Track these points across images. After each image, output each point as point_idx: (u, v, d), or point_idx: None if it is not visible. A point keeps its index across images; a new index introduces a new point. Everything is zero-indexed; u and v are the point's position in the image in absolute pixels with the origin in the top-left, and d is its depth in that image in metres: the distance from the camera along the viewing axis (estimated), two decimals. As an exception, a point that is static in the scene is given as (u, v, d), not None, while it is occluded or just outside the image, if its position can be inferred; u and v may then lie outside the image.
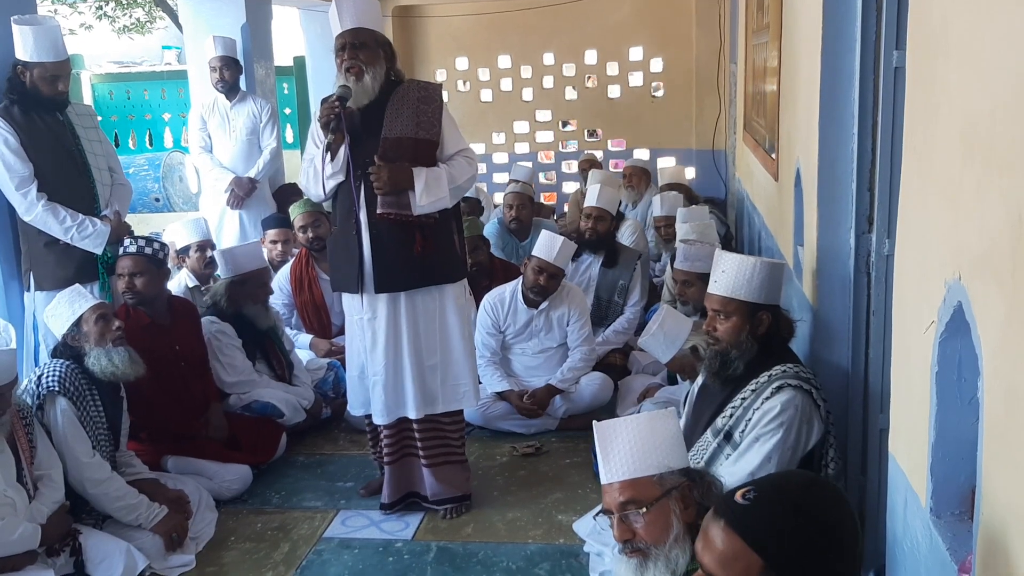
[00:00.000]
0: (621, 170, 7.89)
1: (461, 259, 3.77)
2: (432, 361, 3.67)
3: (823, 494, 1.60)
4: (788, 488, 1.60)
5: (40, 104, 3.94)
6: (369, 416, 3.82)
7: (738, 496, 1.55)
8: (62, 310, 3.50)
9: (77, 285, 3.59)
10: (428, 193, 3.44)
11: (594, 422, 2.20)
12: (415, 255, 3.52)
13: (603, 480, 2.14)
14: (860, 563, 1.62)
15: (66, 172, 3.98)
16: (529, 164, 9.26)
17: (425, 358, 3.66)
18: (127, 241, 4.09)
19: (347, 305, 3.74)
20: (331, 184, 3.53)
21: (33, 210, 3.89)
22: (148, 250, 4.07)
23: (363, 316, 3.63)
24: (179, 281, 5.00)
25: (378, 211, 3.47)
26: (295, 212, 5.44)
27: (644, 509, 2.04)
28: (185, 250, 5.11)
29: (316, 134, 3.59)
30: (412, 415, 3.69)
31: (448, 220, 3.64)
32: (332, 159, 3.49)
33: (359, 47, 3.48)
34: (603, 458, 2.12)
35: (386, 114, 3.49)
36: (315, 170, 3.54)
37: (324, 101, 3.53)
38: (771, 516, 1.53)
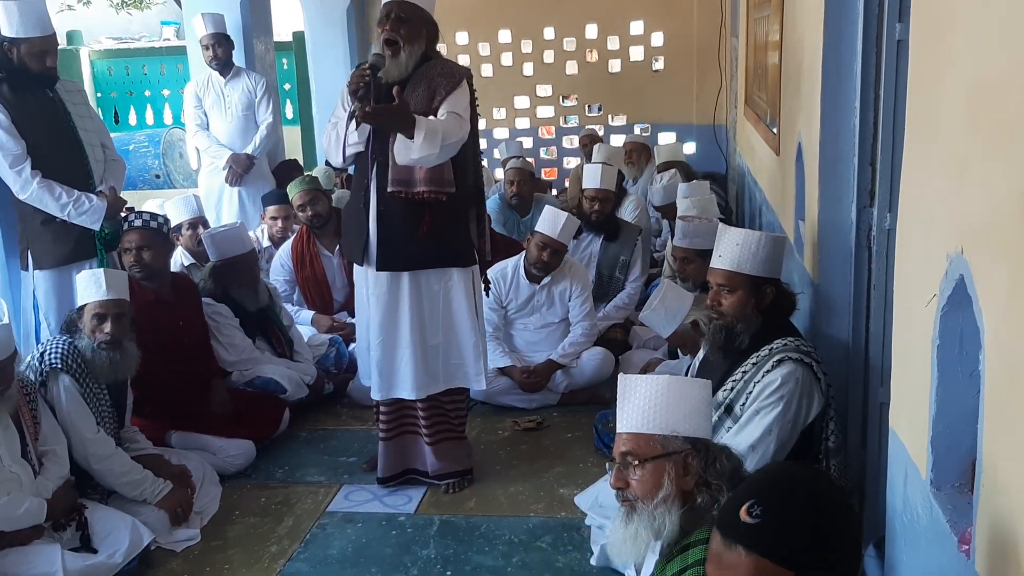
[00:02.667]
0: (622, 145, 7.86)
1: (476, 246, 3.69)
2: (435, 341, 3.65)
3: (821, 482, 1.59)
4: (790, 490, 1.57)
5: (29, 81, 3.90)
6: None
7: (743, 515, 1.51)
8: (80, 289, 3.51)
9: (100, 272, 3.53)
10: (423, 146, 3.25)
11: (620, 375, 2.25)
12: (420, 235, 3.47)
13: (616, 428, 2.20)
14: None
15: (59, 149, 3.95)
16: (529, 140, 9.28)
17: (428, 337, 3.63)
18: (132, 216, 4.09)
19: (356, 276, 3.74)
20: (351, 151, 3.47)
21: (28, 188, 3.86)
22: (153, 224, 4.08)
23: (365, 290, 3.63)
24: (175, 259, 5.00)
25: (388, 189, 3.43)
26: (293, 191, 5.43)
27: (638, 462, 2.10)
28: (177, 228, 5.11)
29: (345, 98, 3.51)
30: (407, 396, 3.67)
31: (461, 204, 3.57)
32: (357, 127, 3.41)
33: (403, 21, 3.41)
34: (619, 408, 2.18)
35: (406, 90, 3.42)
36: (337, 135, 3.48)
37: (359, 66, 3.47)
38: (788, 527, 1.50)
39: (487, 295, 3.92)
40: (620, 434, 2.16)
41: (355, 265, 3.71)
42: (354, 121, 3.36)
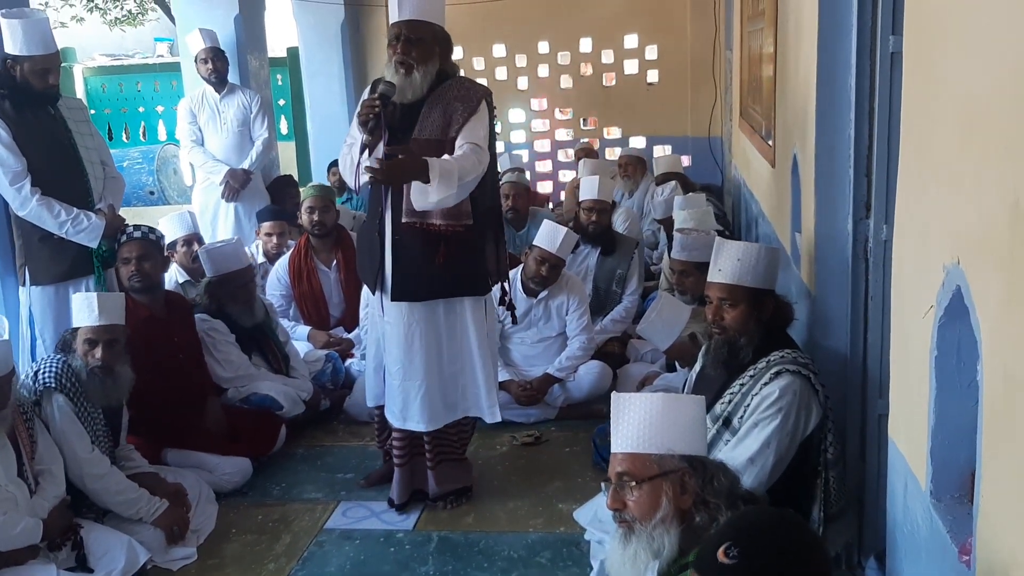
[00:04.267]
0: (617, 159, 7.89)
1: (491, 271, 3.63)
2: (451, 370, 3.61)
3: (800, 530, 1.63)
4: (769, 535, 1.61)
5: (31, 98, 3.91)
6: (380, 407, 3.78)
7: (721, 556, 1.55)
8: (75, 311, 3.51)
9: (95, 296, 3.52)
10: (440, 189, 3.21)
11: (613, 393, 2.24)
12: (436, 265, 3.42)
13: (611, 448, 2.18)
14: None
15: (59, 166, 3.97)
16: (525, 153, 9.30)
17: (445, 366, 3.59)
18: (129, 228, 4.10)
19: (370, 299, 3.70)
20: (364, 179, 3.38)
21: (28, 205, 3.87)
22: (152, 236, 4.10)
23: (380, 314, 3.59)
24: (169, 276, 4.98)
25: (403, 220, 3.38)
26: (307, 193, 5.45)
27: (635, 483, 2.08)
28: (172, 245, 5.10)
29: (360, 126, 3.40)
30: (420, 429, 3.62)
31: (479, 231, 3.51)
32: (370, 156, 3.34)
33: (414, 42, 3.32)
34: (613, 428, 2.17)
35: (421, 114, 3.37)
36: (352, 159, 3.41)
37: (373, 85, 3.42)
38: (762, 570, 1.54)
39: (504, 307, 3.83)
40: (615, 454, 2.14)
41: (367, 288, 3.67)
42: (367, 151, 3.31)
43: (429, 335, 3.54)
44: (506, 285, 3.81)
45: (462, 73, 3.68)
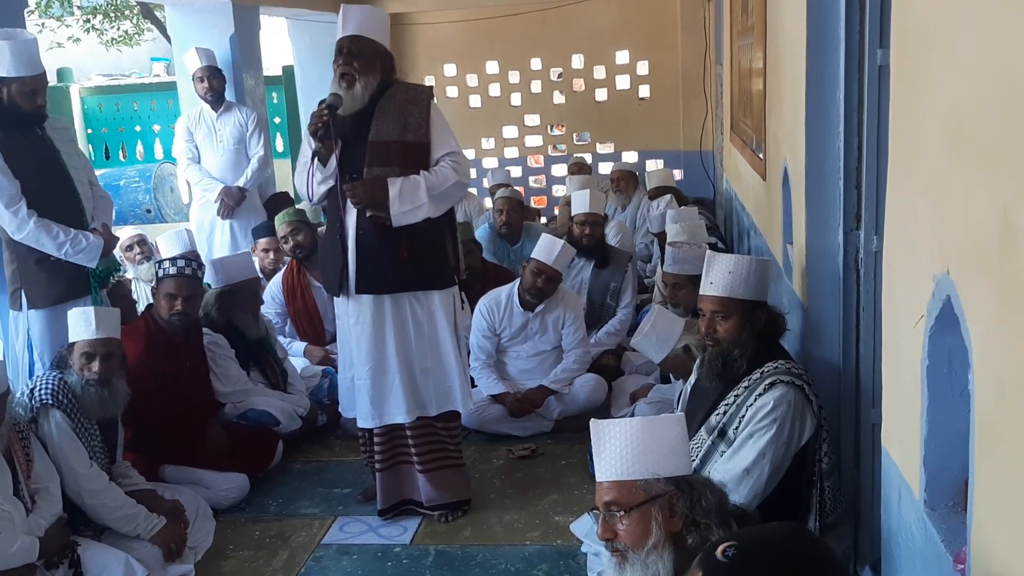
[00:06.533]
0: (608, 173, 7.92)
1: (453, 266, 3.74)
2: (424, 366, 3.67)
3: (806, 548, 1.58)
4: (768, 543, 1.59)
5: (20, 119, 3.87)
6: None
7: (719, 552, 1.54)
8: (71, 326, 3.52)
9: (91, 311, 3.53)
10: (402, 202, 3.44)
11: (592, 420, 2.21)
12: (400, 259, 3.53)
13: (596, 477, 2.16)
14: None
15: (52, 187, 3.93)
16: (518, 169, 9.34)
17: (416, 363, 3.65)
18: (166, 263, 4.15)
19: (338, 308, 3.76)
20: (321, 189, 3.57)
21: (25, 227, 3.83)
22: (188, 270, 4.15)
23: (348, 320, 3.65)
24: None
25: (368, 214, 3.49)
26: (279, 223, 5.48)
27: (623, 512, 2.06)
28: None
29: (311, 137, 3.58)
30: (401, 419, 3.68)
31: (439, 226, 3.62)
32: (324, 165, 3.52)
33: (356, 54, 3.49)
34: (595, 456, 2.14)
35: (374, 119, 3.51)
36: (309, 174, 3.56)
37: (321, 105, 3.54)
38: (752, 573, 1.52)
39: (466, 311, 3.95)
40: (600, 483, 2.11)
41: (336, 298, 3.73)
42: (319, 159, 3.48)
43: (399, 329, 3.62)
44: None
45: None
